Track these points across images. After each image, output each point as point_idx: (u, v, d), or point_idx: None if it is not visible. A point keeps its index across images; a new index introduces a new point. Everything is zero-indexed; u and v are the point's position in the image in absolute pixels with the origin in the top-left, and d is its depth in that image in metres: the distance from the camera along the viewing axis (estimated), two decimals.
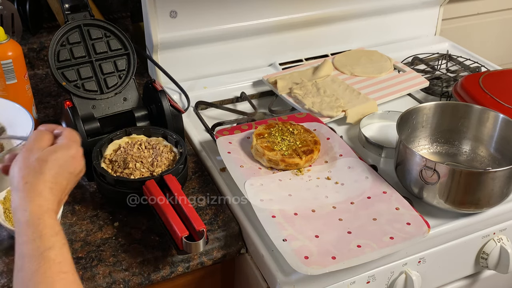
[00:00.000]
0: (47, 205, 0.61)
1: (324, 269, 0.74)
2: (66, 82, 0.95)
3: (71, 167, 0.66)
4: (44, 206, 0.60)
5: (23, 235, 0.59)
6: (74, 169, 0.67)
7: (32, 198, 0.60)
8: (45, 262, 0.56)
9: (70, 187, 0.67)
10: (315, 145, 0.96)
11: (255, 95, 1.25)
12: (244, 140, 1.00)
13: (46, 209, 0.60)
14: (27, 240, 0.58)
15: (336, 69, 1.31)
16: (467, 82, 1.16)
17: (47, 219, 0.59)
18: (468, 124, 1.00)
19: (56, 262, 0.57)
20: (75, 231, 0.85)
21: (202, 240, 0.75)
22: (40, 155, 0.64)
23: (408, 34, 1.52)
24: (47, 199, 0.61)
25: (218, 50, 1.27)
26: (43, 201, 0.61)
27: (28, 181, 0.61)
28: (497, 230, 0.94)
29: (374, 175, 0.92)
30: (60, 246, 0.58)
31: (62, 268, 0.57)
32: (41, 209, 0.60)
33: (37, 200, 0.60)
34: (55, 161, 0.64)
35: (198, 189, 0.94)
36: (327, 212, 0.85)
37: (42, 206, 0.60)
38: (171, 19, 1.17)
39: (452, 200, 0.86)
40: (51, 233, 0.59)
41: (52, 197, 0.62)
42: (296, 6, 1.30)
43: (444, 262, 0.91)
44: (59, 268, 0.57)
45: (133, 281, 0.78)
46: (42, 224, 0.59)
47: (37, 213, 0.59)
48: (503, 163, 0.95)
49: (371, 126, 1.12)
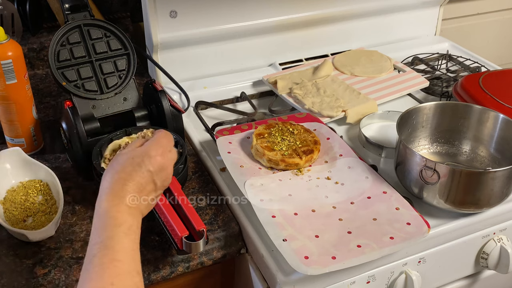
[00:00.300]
0: (118, 200, 0.65)
1: (324, 269, 0.74)
2: (66, 82, 0.95)
3: (160, 178, 0.71)
4: (115, 201, 0.64)
5: (93, 226, 0.63)
6: (162, 180, 0.72)
7: (112, 198, 0.65)
8: (103, 250, 0.60)
9: (150, 188, 0.70)
10: (315, 145, 0.96)
11: (255, 95, 1.25)
12: (244, 140, 1.00)
13: (116, 203, 0.64)
14: (93, 230, 0.63)
15: (336, 69, 1.31)
16: (467, 82, 1.16)
17: (115, 212, 0.63)
18: (468, 124, 1.00)
19: (114, 250, 0.60)
20: (75, 231, 0.85)
21: (202, 240, 0.75)
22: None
23: (408, 34, 1.52)
24: (121, 196, 0.66)
25: (218, 50, 1.27)
26: (117, 199, 0.65)
27: (121, 177, 0.66)
28: (497, 230, 0.94)
29: (374, 175, 0.92)
30: (122, 236, 0.61)
31: (116, 257, 0.59)
32: (111, 203, 0.64)
33: (113, 198, 0.65)
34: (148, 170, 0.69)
35: (198, 189, 0.94)
36: (327, 212, 0.85)
37: (113, 201, 0.65)
38: (171, 19, 1.17)
39: (452, 200, 0.86)
40: (114, 224, 0.62)
41: (127, 194, 0.66)
42: (296, 6, 1.30)
43: (444, 262, 0.91)
44: (113, 256, 0.59)
45: None
46: (107, 215, 0.63)
47: (107, 207, 0.64)
48: (503, 163, 0.95)
49: (371, 126, 1.12)
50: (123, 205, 0.65)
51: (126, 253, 0.60)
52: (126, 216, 0.64)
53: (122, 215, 0.64)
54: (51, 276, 0.76)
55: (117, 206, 0.64)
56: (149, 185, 0.69)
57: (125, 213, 0.64)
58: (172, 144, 0.75)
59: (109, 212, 0.63)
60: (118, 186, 0.66)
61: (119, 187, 0.66)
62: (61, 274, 0.77)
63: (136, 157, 0.68)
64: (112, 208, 0.64)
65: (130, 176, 0.67)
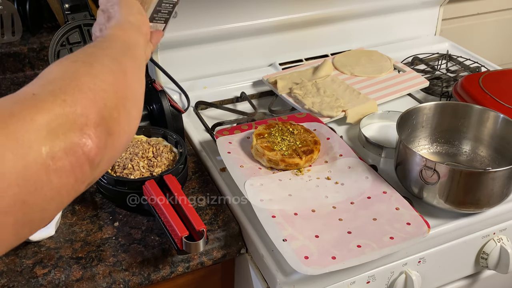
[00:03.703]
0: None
1: (324, 269, 0.74)
2: None
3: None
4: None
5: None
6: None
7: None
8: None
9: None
10: (315, 145, 0.96)
11: (255, 95, 1.25)
12: (244, 140, 1.00)
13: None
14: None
15: (336, 69, 1.31)
16: (467, 82, 1.16)
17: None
18: (468, 124, 1.00)
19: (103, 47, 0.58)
20: (75, 231, 0.85)
21: (202, 240, 0.75)
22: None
23: (408, 34, 1.52)
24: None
25: (218, 50, 1.27)
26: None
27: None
28: (497, 230, 0.94)
29: (374, 175, 0.92)
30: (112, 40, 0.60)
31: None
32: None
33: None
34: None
35: (198, 189, 0.94)
36: (327, 212, 0.85)
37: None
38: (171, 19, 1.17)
39: (452, 200, 0.86)
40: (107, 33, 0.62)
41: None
42: (296, 6, 1.30)
43: (444, 262, 0.91)
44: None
45: (133, 281, 0.78)
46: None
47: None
48: (503, 163, 0.95)
49: (371, 126, 1.12)
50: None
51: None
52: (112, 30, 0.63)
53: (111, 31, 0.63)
54: (51, 276, 0.76)
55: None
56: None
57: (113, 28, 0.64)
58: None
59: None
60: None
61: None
62: (61, 274, 0.77)
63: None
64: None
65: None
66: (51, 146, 0.41)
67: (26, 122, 0.40)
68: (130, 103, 0.52)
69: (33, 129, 0.40)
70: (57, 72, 0.48)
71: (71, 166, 0.43)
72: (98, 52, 0.53)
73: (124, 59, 0.55)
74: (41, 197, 0.41)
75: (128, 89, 0.52)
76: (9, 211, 0.39)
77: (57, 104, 0.43)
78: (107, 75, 0.50)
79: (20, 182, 0.39)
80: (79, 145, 0.43)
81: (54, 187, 0.42)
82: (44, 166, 0.41)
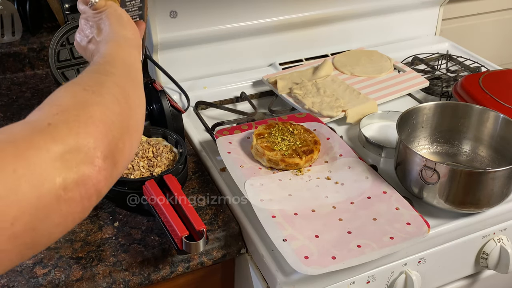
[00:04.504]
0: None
1: (324, 269, 0.74)
2: (66, 82, 0.94)
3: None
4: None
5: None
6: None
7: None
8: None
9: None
10: (315, 145, 0.96)
11: (255, 95, 1.25)
12: (244, 140, 1.00)
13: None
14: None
15: (336, 69, 1.31)
16: (467, 82, 1.16)
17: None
18: (468, 124, 1.00)
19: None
20: (75, 231, 0.85)
21: (202, 240, 0.75)
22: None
23: (408, 34, 1.52)
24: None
25: (218, 50, 1.27)
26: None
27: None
28: (497, 230, 0.94)
29: (374, 175, 0.92)
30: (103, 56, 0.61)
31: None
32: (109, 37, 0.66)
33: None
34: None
35: (198, 189, 0.94)
36: (327, 212, 0.85)
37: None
38: (171, 19, 1.17)
39: (452, 200, 0.86)
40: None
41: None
42: (296, 6, 1.30)
43: (444, 262, 0.91)
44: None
45: (133, 281, 0.78)
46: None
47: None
48: (503, 163, 0.95)
49: (371, 126, 1.12)
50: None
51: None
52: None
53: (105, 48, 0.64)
54: (51, 276, 0.76)
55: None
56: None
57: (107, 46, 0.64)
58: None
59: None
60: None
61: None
62: (61, 274, 0.77)
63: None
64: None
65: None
66: (64, 178, 0.43)
67: (43, 153, 0.42)
68: (133, 132, 0.54)
69: (49, 160, 0.42)
70: (69, 100, 0.49)
71: (81, 197, 0.45)
72: (103, 79, 0.54)
73: (127, 85, 0.56)
74: (49, 224, 0.43)
75: (132, 118, 0.54)
76: (19, 236, 0.40)
77: (71, 136, 0.45)
78: (115, 106, 0.52)
79: (33, 210, 0.41)
80: (90, 178, 0.45)
81: (63, 215, 0.44)
82: (56, 196, 0.42)
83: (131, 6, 0.79)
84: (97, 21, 0.68)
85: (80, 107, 0.48)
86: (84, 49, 0.70)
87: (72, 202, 0.44)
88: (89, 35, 0.69)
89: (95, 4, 0.68)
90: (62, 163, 0.43)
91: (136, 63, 0.63)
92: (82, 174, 0.44)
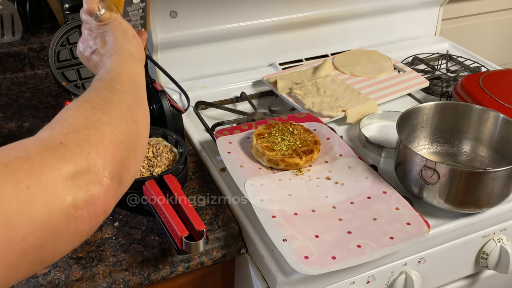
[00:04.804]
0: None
1: (324, 269, 0.74)
2: (66, 82, 0.95)
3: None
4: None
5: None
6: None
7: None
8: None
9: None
10: (315, 145, 0.96)
11: (255, 95, 1.25)
12: (244, 140, 1.00)
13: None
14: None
15: (336, 69, 1.31)
16: (467, 82, 1.16)
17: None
18: (468, 124, 1.00)
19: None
20: None
21: (202, 240, 0.75)
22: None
23: (408, 34, 1.52)
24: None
25: (218, 50, 1.27)
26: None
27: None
28: (497, 230, 0.94)
29: (374, 175, 0.92)
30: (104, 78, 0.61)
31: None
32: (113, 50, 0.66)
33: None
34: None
35: (198, 189, 0.94)
36: (327, 212, 0.85)
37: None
38: (171, 19, 1.17)
39: (452, 200, 0.86)
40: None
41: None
42: (296, 6, 1.30)
43: (444, 262, 0.91)
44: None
45: (133, 281, 0.78)
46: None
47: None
48: (503, 163, 0.95)
49: (371, 126, 1.12)
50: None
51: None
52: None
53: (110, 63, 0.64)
54: (51, 276, 0.76)
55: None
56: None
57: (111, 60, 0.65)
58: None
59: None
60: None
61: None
62: (61, 274, 0.77)
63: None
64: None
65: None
66: (74, 197, 0.44)
67: (55, 172, 0.43)
68: (139, 151, 0.55)
69: (60, 178, 0.43)
70: (80, 118, 0.50)
71: (89, 216, 0.46)
72: (111, 97, 0.55)
73: (133, 104, 0.57)
74: (58, 241, 0.44)
75: (138, 138, 0.55)
76: (28, 252, 0.41)
77: (82, 156, 0.46)
78: (124, 125, 0.53)
79: (44, 227, 0.42)
80: (98, 198, 0.46)
81: (71, 233, 0.45)
82: (66, 214, 0.44)
83: (134, 16, 0.79)
84: (101, 33, 0.68)
85: (91, 126, 0.49)
86: (87, 59, 0.70)
87: (81, 220, 0.45)
88: (92, 46, 0.69)
89: (100, 16, 0.67)
90: (73, 182, 0.44)
91: (140, 79, 0.64)
92: (91, 193, 0.46)
